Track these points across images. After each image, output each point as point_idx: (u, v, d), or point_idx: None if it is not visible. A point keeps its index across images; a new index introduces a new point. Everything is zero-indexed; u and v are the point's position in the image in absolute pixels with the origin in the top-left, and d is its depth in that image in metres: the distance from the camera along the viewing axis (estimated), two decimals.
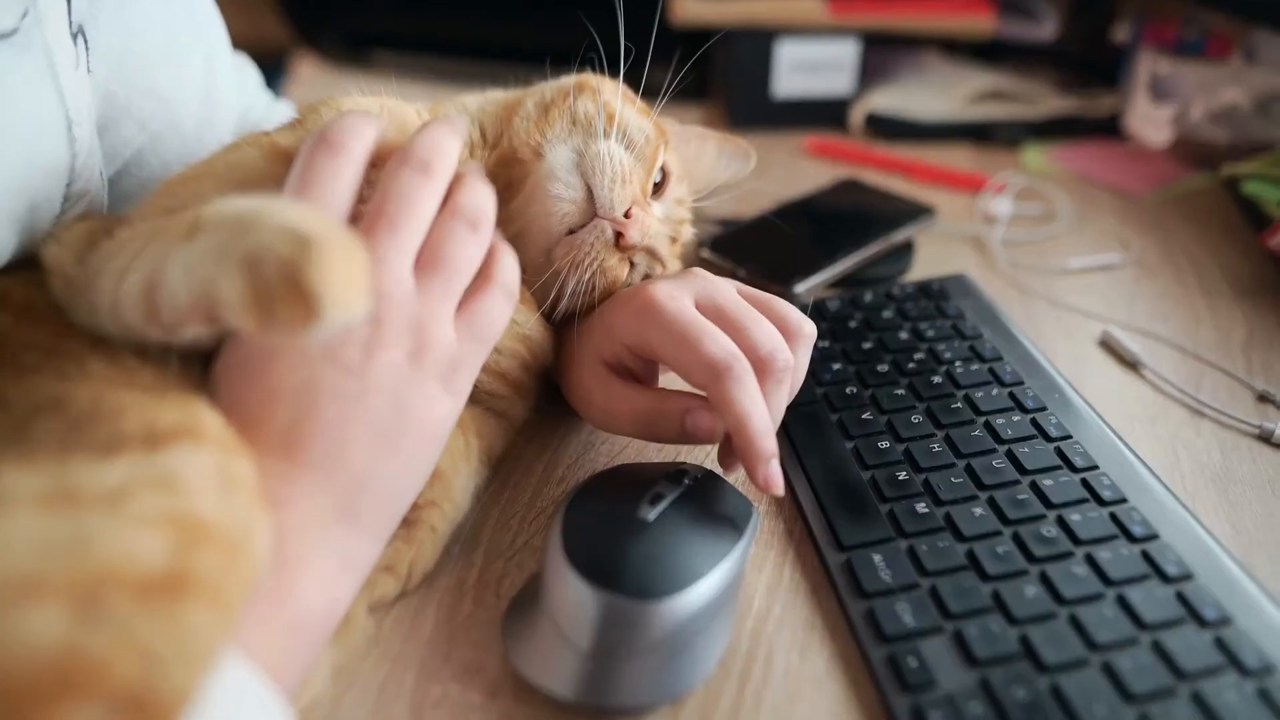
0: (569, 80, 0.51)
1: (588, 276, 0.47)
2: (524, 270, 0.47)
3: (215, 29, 0.58)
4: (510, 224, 0.47)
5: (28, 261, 0.40)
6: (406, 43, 1.22)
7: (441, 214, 0.40)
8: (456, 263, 0.39)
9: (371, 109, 0.45)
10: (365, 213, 0.39)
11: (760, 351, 0.42)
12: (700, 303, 0.45)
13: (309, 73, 1.28)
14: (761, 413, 0.41)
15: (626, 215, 0.46)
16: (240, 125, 0.62)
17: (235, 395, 0.36)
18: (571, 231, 0.47)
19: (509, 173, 0.48)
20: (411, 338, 0.38)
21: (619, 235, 0.46)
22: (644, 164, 0.49)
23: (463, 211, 0.40)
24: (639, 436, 0.47)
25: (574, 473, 0.50)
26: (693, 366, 0.42)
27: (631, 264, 0.50)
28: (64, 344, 0.36)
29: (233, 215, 0.31)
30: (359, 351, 0.37)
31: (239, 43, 0.66)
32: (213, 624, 0.27)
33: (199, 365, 0.38)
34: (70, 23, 0.43)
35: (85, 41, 0.45)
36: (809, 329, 0.45)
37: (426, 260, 0.39)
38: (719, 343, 0.42)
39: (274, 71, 1.33)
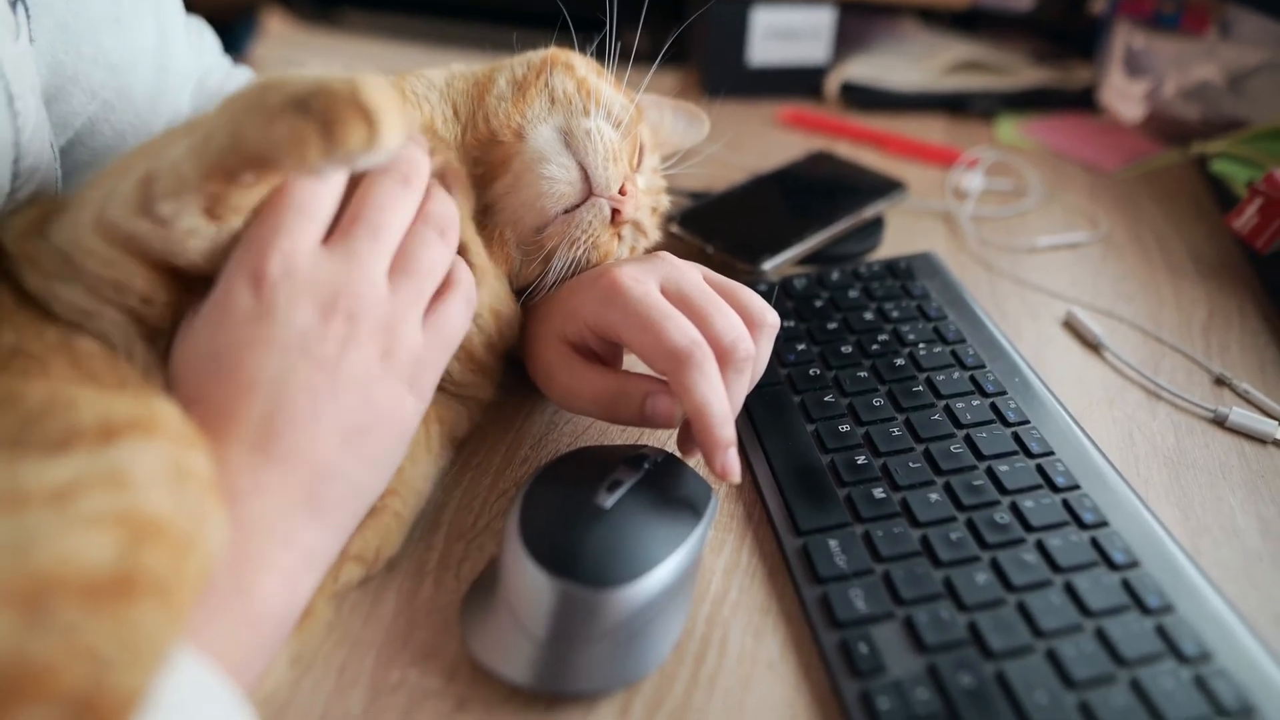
0: (537, 55, 0.50)
1: (580, 253, 0.47)
2: (513, 248, 0.48)
3: None
4: (497, 205, 0.48)
5: None
6: (375, 1, 1.19)
7: (414, 223, 0.41)
8: (428, 267, 0.41)
9: None
10: (345, 216, 0.39)
11: (723, 340, 0.43)
12: (665, 288, 0.45)
13: (277, 30, 1.25)
14: (721, 401, 0.41)
15: (621, 192, 0.47)
16: (197, 91, 0.60)
17: (203, 388, 0.36)
18: (567, 211, 0.47)
19: (488, 155, 0.48)
20: (383, 336, 0.38)
21: (615, 212, 0.47)
22: (629, 139, 0.49)
23: (433, 220, 0.41)
24: (599, 417, 0.48)
25: (537, 454, 0.50)
26: (655, 352, 0.42)
27: (619, 237, 0.50)
28: (30, 345, 0.35)
29: (246, 89, 0.33)
30: (334, 346, 0.37)
31: (205, 0, 0.64)
32: (163, 622, 0.27)
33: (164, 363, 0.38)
34: None
35: (25, 9, 0.43)
36: (772, 319, 0.45)
37: (399, 265, 0.40)
38: (682, 329, 0.42)
39: (243, 29, 1.30)
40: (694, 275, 0.46)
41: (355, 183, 0.40)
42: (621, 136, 0.48)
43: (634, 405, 0.45)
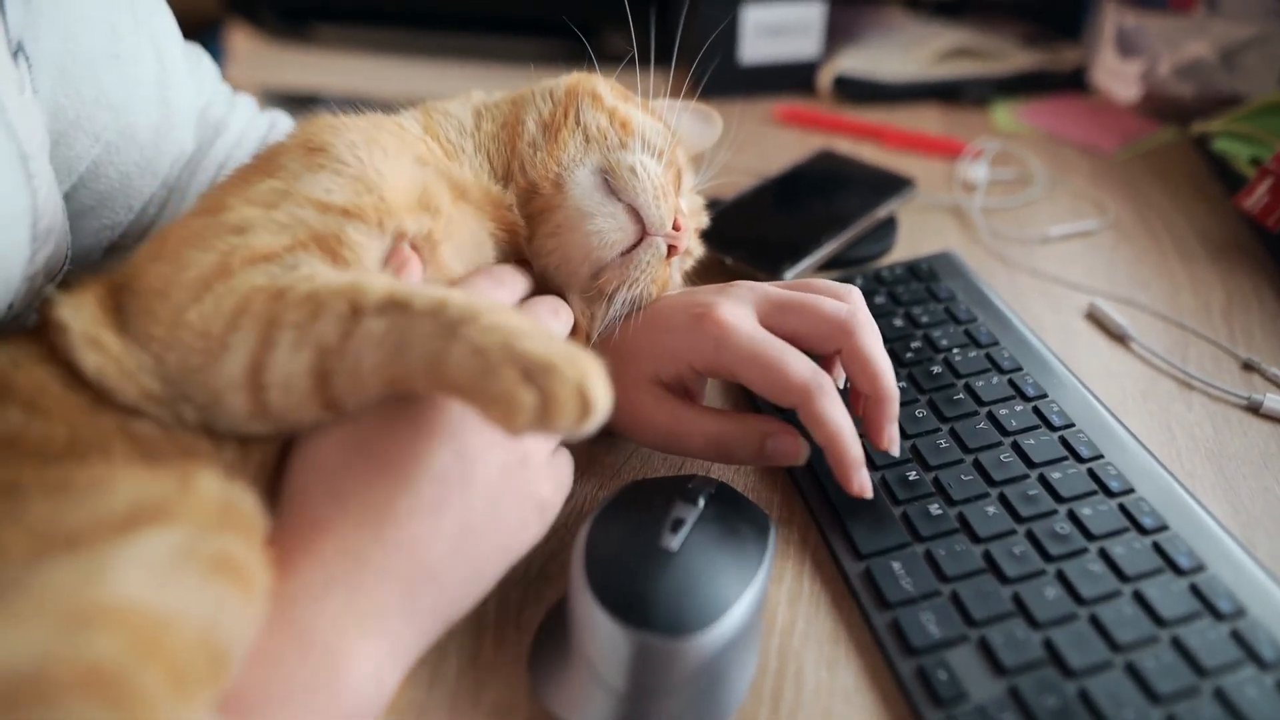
0: (560, 85, 0.49)
1: (639, 291, 0.46)
2: (567, 293, 0.47)
3: (163, 21, 0.53)
4: (548, 254, 0.46)
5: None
6: (347, 13, 1.16)
7: None
8: None
9: (363, 127, 0.42)
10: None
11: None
12: (762, 318, 0.46)
13: (244, 47, 1.21)
14: (850, 422, 0.43)
15: (675, 226, 0.46)
16: (200, 125, 0.58)
17: (335, 463, 0.35)
18: (623, 254, 0.46)
19: (528, 205, 0.46)
20: (524, 449, 0.38)
21: (671, 247, 0.46)
22: (671, 168, 0.48)
23: None
24: (707, 458, 0.48)
25: (580, 490, 0.49)
26: (782, 389, 0.43)
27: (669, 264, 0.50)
28: (84, 428, 0.33)
29: (454, 310, 0.32)
30: (481, 441, 0.36)
31: None
32: (108, 706, 0.24)
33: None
34: (8, 40, 0.40)
35: (26, 58, 0.41)
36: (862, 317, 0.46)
37: None
38: (802, 362, 0.43)
39: (208, 47, 1.26)
40: (777, 294, 0.47)
41: None
42: (665, 167, 0.47)
43: (752, 446, 0.45)
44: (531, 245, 0.46)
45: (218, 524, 0.30)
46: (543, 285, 0.47)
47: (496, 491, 0.36)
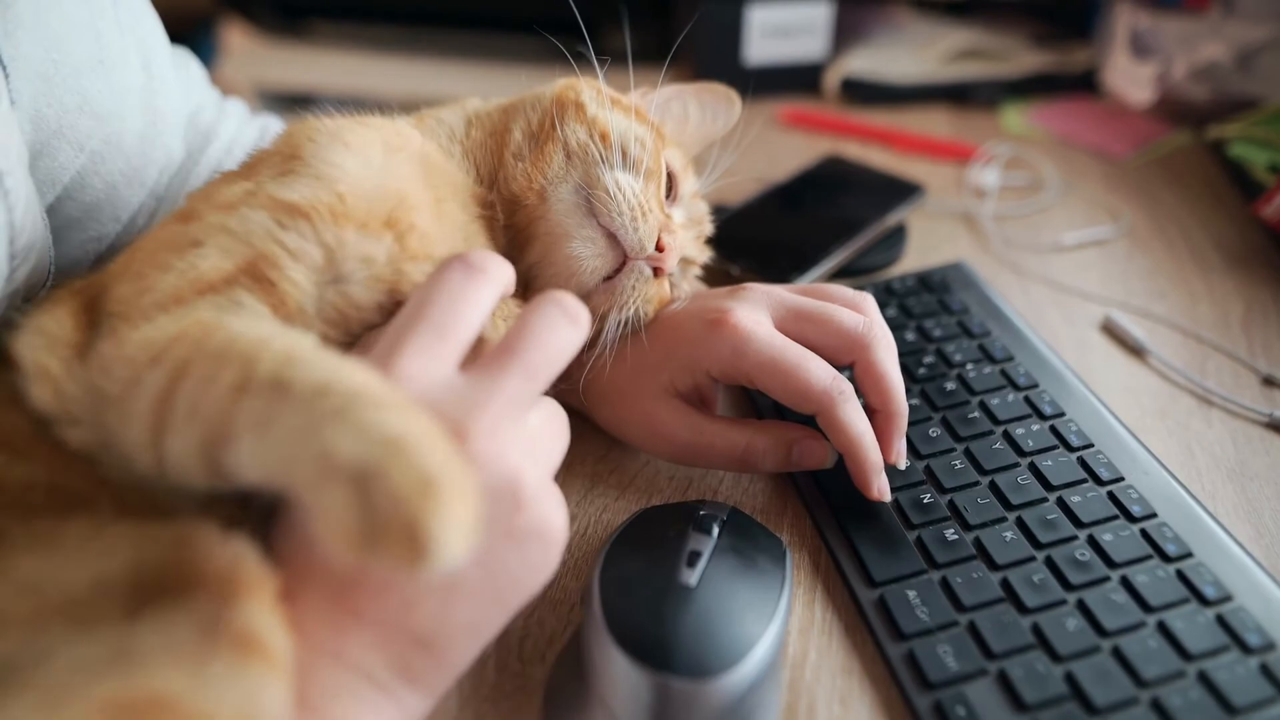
0: (548, 94, 0.47)
1: (631, 313, 0.45)
2: None
3: (149, 25, 0.52)
4: (533, 275, 0.45)
5: None
6: (345, 10, 1.14)
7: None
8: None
9: (357, 129, 0.40)
10: (494, 343, 0.34)
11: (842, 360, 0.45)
12: (778, 324, 0.45)
13: (239, 45, 1.19)
14: (870, 428, 0.43)
15: (659, 248, 0.44)
16: (189, 132, 0.56)
17: (302, 533, 0.32)
18: (606, 279, 0.44)
19: (514, 218, 0.44)
20: (511, 489, 0.32)
21: (656, 269, 0.45)
22: (654, 179, 0.46)
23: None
24: (729, 469, 0.48)
25: (581, 511, 0.48)
26: (802, 396, 0.43)
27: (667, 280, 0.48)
28: (65, 473, 0.31)
29: (315, 388, 0.27)
30: None
31: (158, 11, 0.59)
32: None
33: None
34: None
35: (3, 67, 0.39)
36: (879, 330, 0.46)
37: None
38: (822, 368, 0.43)
39: (202, 44, 1.24)
40: (791, 298, 0.46)
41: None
42: (645, 180, 0.45)
43: (778, 455, 0.45)
44: (519, 259, 0.44)
45: (227, 590, 0.29)
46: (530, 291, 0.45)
47: (486, 547, 0.32)
